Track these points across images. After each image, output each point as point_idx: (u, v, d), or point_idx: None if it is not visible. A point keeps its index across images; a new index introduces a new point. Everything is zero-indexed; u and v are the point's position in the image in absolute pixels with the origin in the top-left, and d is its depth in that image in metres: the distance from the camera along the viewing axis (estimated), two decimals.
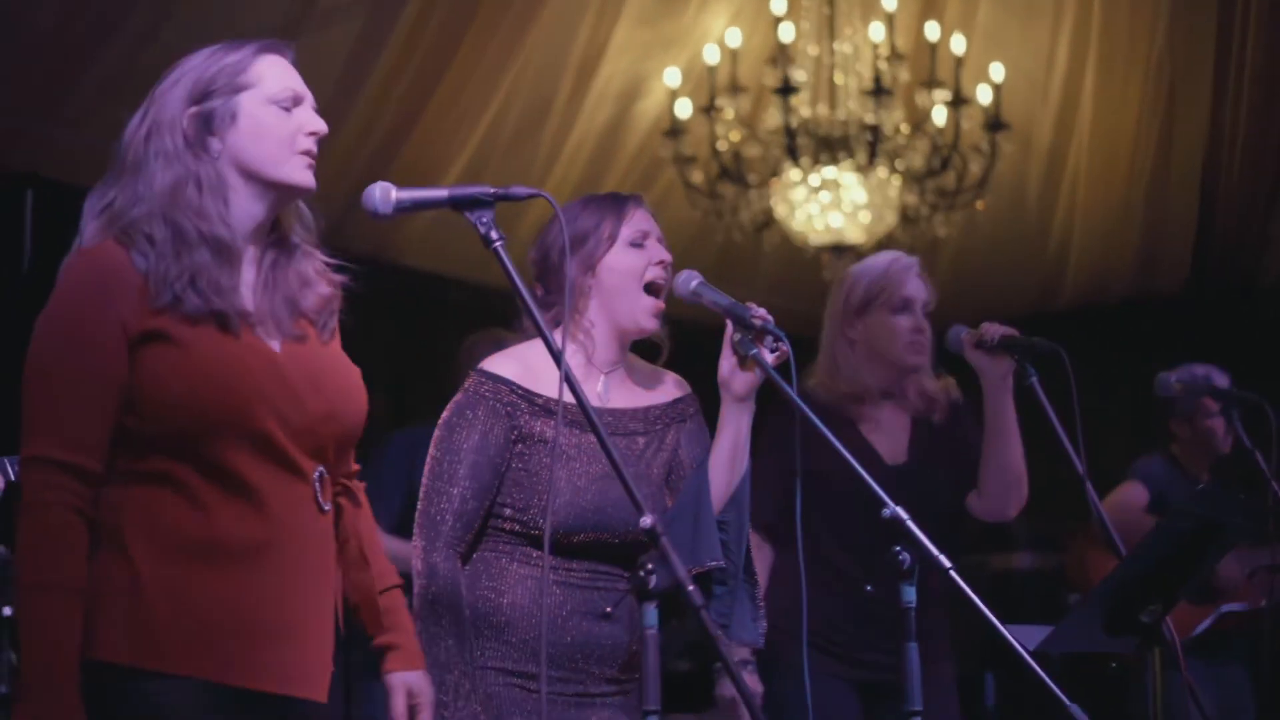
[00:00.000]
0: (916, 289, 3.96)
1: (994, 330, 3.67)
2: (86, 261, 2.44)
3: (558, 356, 2.46)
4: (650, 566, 2.35)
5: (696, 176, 6.61)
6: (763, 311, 3.03)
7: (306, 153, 2.52)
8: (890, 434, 3.96)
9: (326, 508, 2.52)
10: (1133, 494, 5.52)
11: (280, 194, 2.53)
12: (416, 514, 3.11)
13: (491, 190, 2.49)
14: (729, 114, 6.47)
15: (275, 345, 2.49)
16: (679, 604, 2.34)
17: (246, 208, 2.51)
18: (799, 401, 2.89)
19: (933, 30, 6.47)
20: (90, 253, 2.44)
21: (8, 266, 5.90)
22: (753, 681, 3.76)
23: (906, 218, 6.68)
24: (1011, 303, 8.12)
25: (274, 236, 2.57)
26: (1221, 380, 5.52)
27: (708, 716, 6.70)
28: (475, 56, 6.28)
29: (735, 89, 6.49)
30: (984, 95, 6.52)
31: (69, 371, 2.38)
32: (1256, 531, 5.48)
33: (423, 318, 6.90)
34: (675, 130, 6.51)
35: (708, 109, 6.46)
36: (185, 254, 2.41)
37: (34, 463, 2.36)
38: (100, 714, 2.33)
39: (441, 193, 2.52)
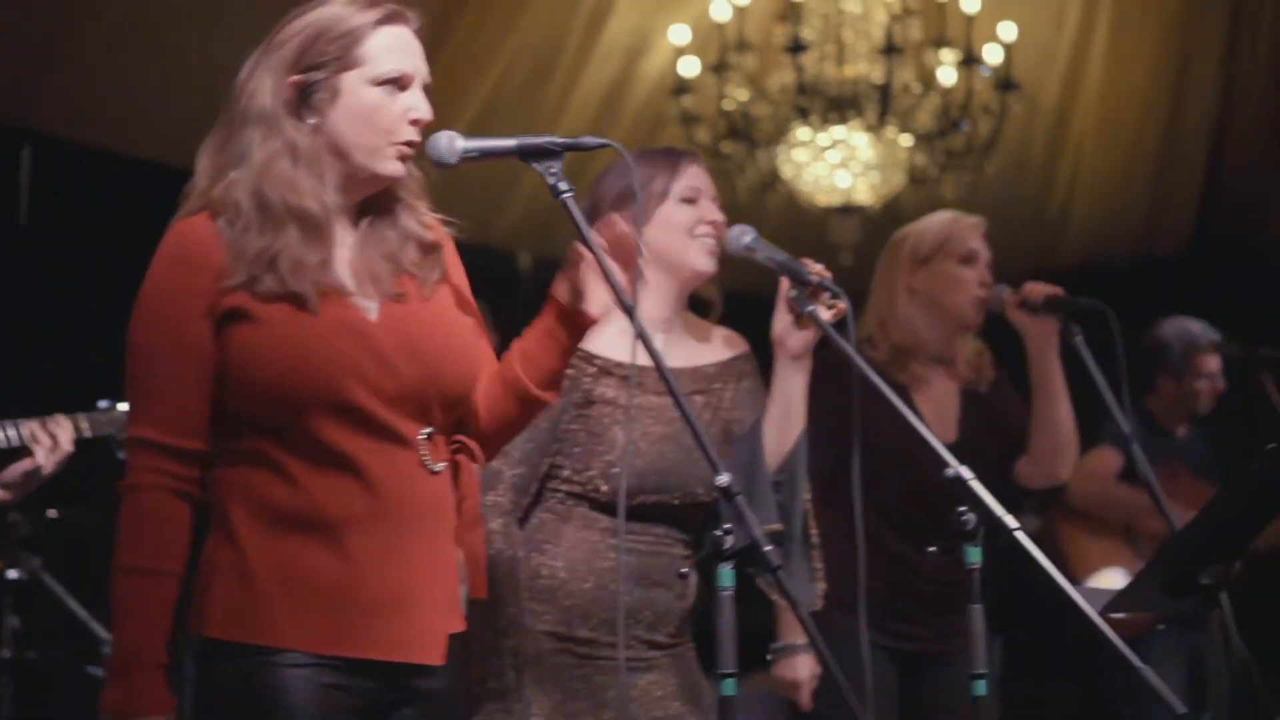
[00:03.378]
0: (981, 246, 3.89)
1: (1038, 289, 3.62)
2: (174, 237, 2.41)
3: (630, 309, 2.38)
4: (727, 527, 2.29)
5: (702, 135, 6.53)
6: (819, 267, 2.97)
7: (406, 143, 2.44)
8: (940, 407, 3.86)
9: (437, 469, 2.44)
10: (1107, 460, 5.30)
11: (367, 182, 2.46)
12: None
13: (560, 140, 2.42)
14: (737, 72, 6.38)
15: (372, 310, 2.42)
16: (754, 564, 2.28)
17: (338, 185, 2.44)
18: (858, 359, 2.82)
19: None
20: (179, 227, 2.42)
21: (3, 225, 5.81)
22: (808, 664, 3.65)
23: (914, 178, 6.62)
24: (1011, 262, 8.04)
25: (376, 194, 2.50)
26: (1212, 338, 5.39)
27: (748, 681, 6.64)
28: (483, 11, 6.18)
29: (742, 46, 6.41)
30: (993, 55, 6.45)
31: (159, 351, 2.37)
32: None
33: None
34: (681, 88, 6.43)
35: (715, 67, 6.37)
36: (269, 231, 2.36)
37: (133, 445, 2.38)
38: (212, 690, 2.34)
39: (509, 142, 2.46)
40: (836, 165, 6.40)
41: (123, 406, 3.43)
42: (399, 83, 2.44)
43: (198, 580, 2.38)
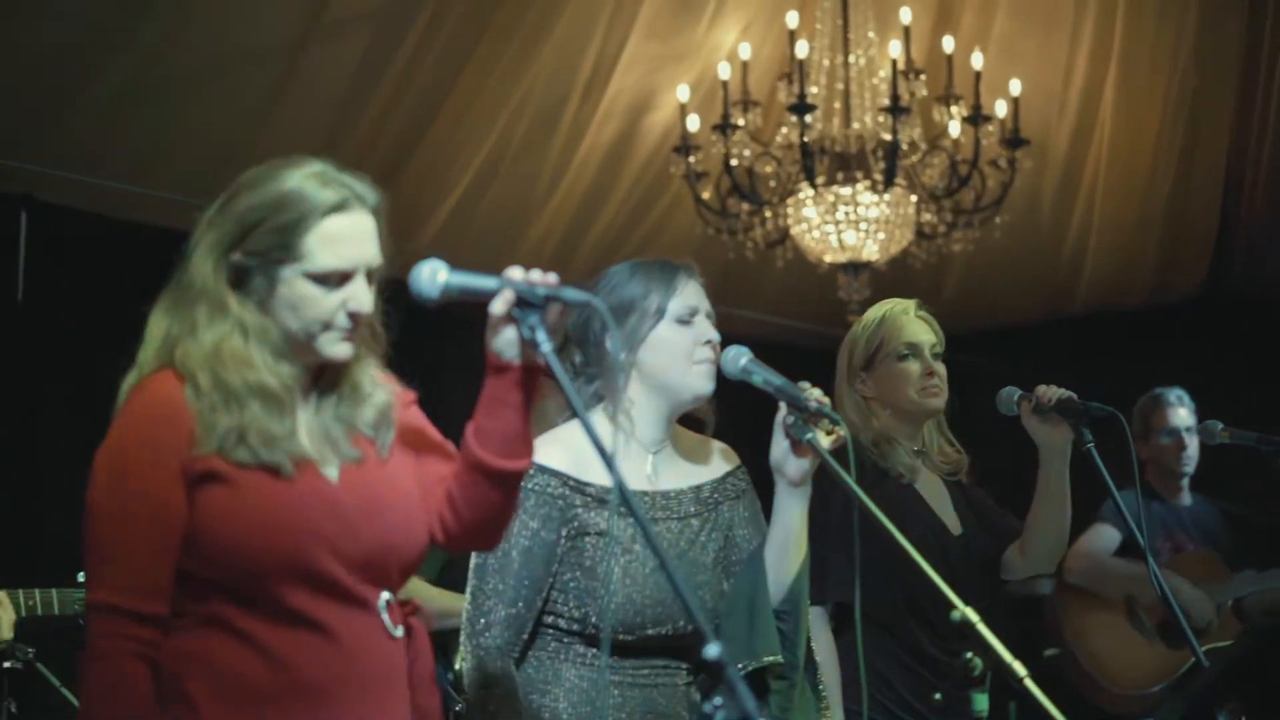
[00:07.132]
0: (918, 331, 3.77)
1: (1049, 394, 3.52)
2: (144, 397, 2.35)
3: (609, 459, 2.27)
4: (718, 702, 2.19)
5: (707, 192, 6.45)
6: (818, 392, 2.87)
7: (342, 329, 2.38)
8: (937, 497, 3.79)
9: (397, 633, 2.43)
10: (1103, 537, 5.31)
11: (313, 358, 2.42)
12: (463, 618, 2.94)
13: (542, 291, 2.32)
14: (742, 130, 6.31)
15: (333, 474, 2.39)
16: None
17: (289, 357, 2.40)
18: (858, 491, 2.75)
19: (949, 44, 6.31)
20: (148, 387, 2.36)
21: (2, 291, 5.74)
22: None
23: (923, 234, 6.53)
24: (1020, 311, 7.98)
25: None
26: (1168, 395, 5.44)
27: None
28: (486, 68, 6.12)
29: (747, 103, 6.34)
30: (1000, 109, 6.37)
31: (126, 514, 2.30)
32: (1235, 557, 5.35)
33: None
34: (686, 146, 6.35)
35: (720, 126, 6.29)
36: (235, 409, 2.33)
37: (96, 610, 2.30)
38: None
39: (491, 282, 2.36)
40: (844, 223, 6.30)
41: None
42: (337, 279, 2.37)
43: None
